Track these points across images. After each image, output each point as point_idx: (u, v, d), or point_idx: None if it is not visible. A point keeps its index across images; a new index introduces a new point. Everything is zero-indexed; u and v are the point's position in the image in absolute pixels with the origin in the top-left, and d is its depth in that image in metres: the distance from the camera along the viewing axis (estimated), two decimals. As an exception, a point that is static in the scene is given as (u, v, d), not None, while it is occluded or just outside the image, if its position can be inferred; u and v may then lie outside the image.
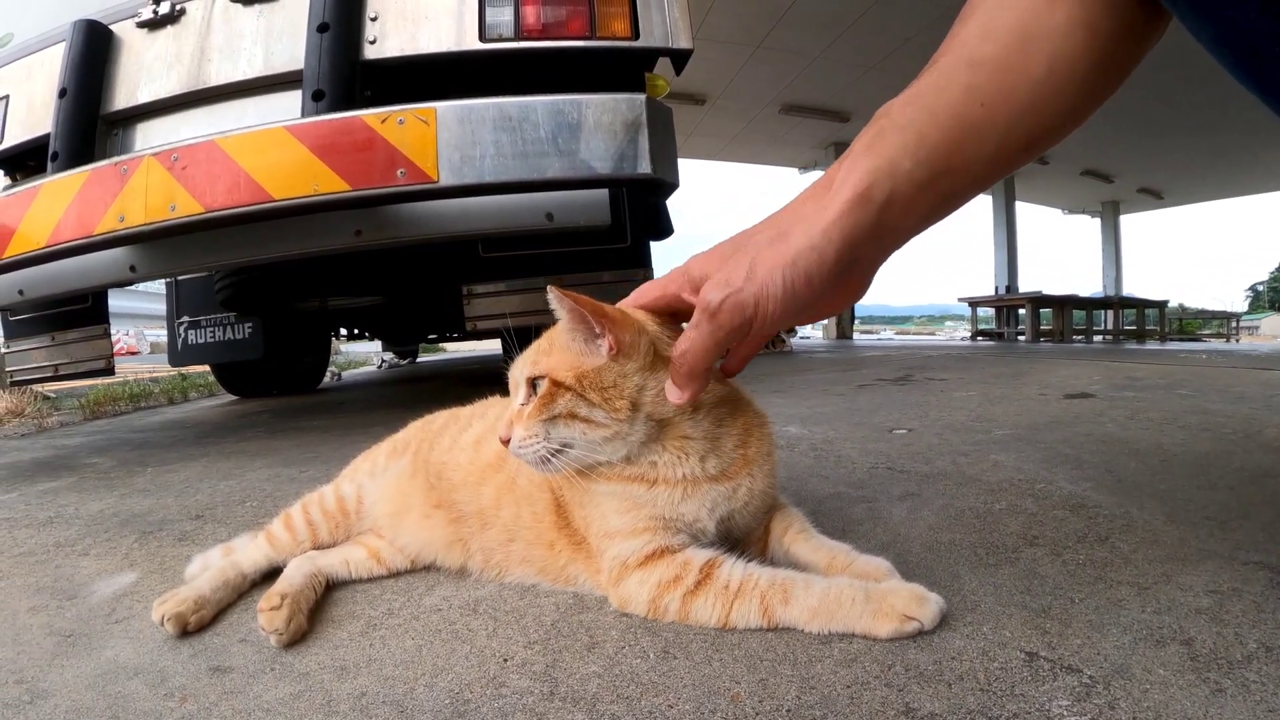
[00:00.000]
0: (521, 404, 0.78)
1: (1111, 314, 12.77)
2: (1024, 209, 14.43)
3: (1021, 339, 10.78)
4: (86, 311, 2.71)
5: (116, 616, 0.91)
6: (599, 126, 1.78)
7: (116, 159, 1.82)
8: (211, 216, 1.73)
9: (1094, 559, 0.85)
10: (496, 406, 1.04)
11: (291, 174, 1.69)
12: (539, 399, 0.75)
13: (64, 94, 2.06)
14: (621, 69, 2.05)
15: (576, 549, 0.84)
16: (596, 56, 1.99)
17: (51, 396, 4.60)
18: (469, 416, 1.05)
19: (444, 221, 1.96)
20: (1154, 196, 15.81)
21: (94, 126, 2.09)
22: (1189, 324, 17.49)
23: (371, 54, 1.94)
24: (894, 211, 0.62)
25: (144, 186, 1.76)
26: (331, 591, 0.93)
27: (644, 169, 1.80)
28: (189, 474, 1.89)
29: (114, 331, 3.04)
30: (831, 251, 0.62)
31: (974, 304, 12.09)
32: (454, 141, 1.71)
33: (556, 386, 0.75)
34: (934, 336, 19.79)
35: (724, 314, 0.66)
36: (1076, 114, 0.64)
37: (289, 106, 1.94)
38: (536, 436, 0.75)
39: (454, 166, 1.71)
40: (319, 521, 1.00)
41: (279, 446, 2.25)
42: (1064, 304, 10.87)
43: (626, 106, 1.79)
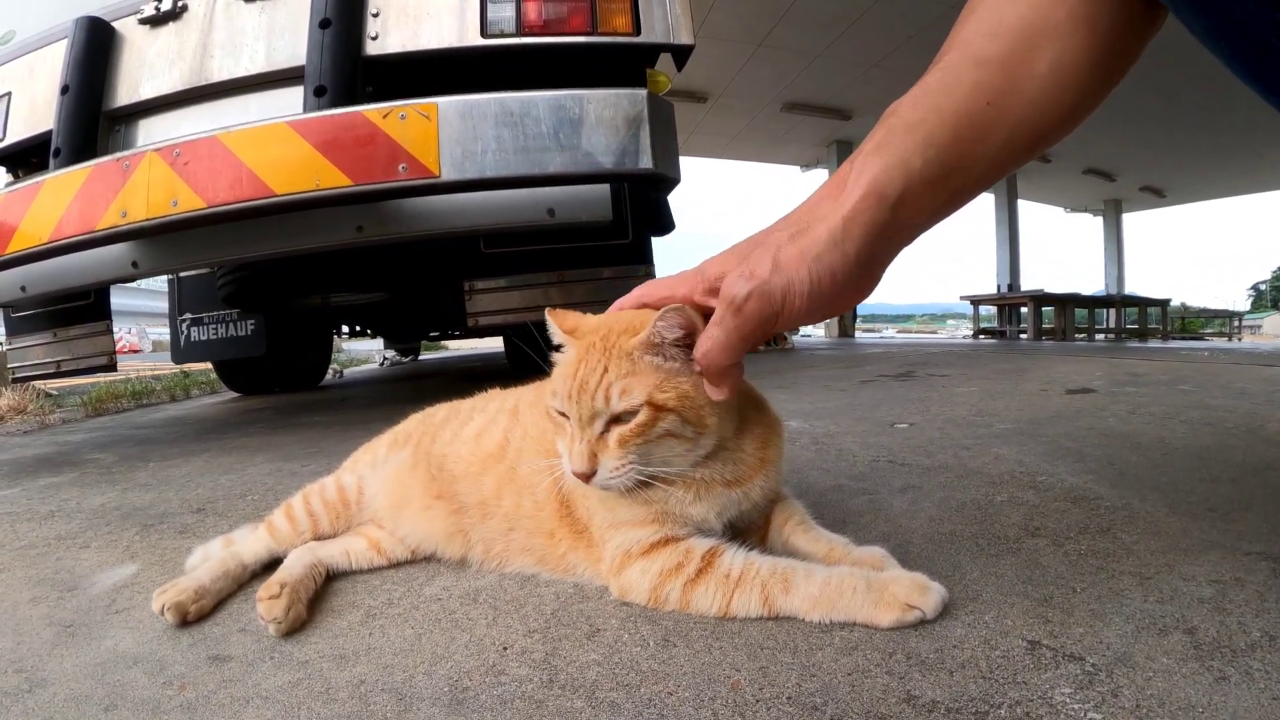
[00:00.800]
0: (600, 434, 0.73)
1: (1114, 312, 12.73)
2: (1026, 207, 14.40)
3: (1024, 337, 10.76)
4: (89, 308, 2.71)
5: (116, 607, 0.92)
6: (601, 122, 1.78)
7: (119, 155, 1.82)
8: (214, 212, 1.73)
9: (1096, 549, 0.85)
10: (497, 399, 1.04)
11: (294, 169, 1.69)
12: (639, 425, 0.71)
13: (66, 90, 2.06)
14: (623, 65, 2.04)
15: (577, 538, 0.84)
16: (598, 52, 1.98)
17: (54, 394, 4.61)
18: (470, 410, 1.05)
19: (446, 217, 1.97)
20: (1156, 195, 15.78)
21: (96, 123, 2.10)
22: (1191, 323, 17.46)
23: (373, 50, 1.94)
24: (906, 209, 0.63)
25: (146, 182, 1.76)
26: (332, 582, 0.93)
27: (645, 164, 1.79)
28: (190, 469, 1.89)
29: (116, 329, 3.04)
30: (852, 248, 0.63)
31: (976, 302, 12.06)
32: (456, 136, 1.71)
33: (659, 410, 0.71)
34: (936, 335, 19.79)
35: (750, 306, 0.65)
36: (1079, 111, 0.65)
37: (291, 103, 1.93)
38: (630, 463, 0.72)
39: (456, 161, 1.71)
40: (320, 512, 1.00)
41: (281, 442, 2.25)
42: (1066, 302, 10.84)
43: (628, 102, 1.79)
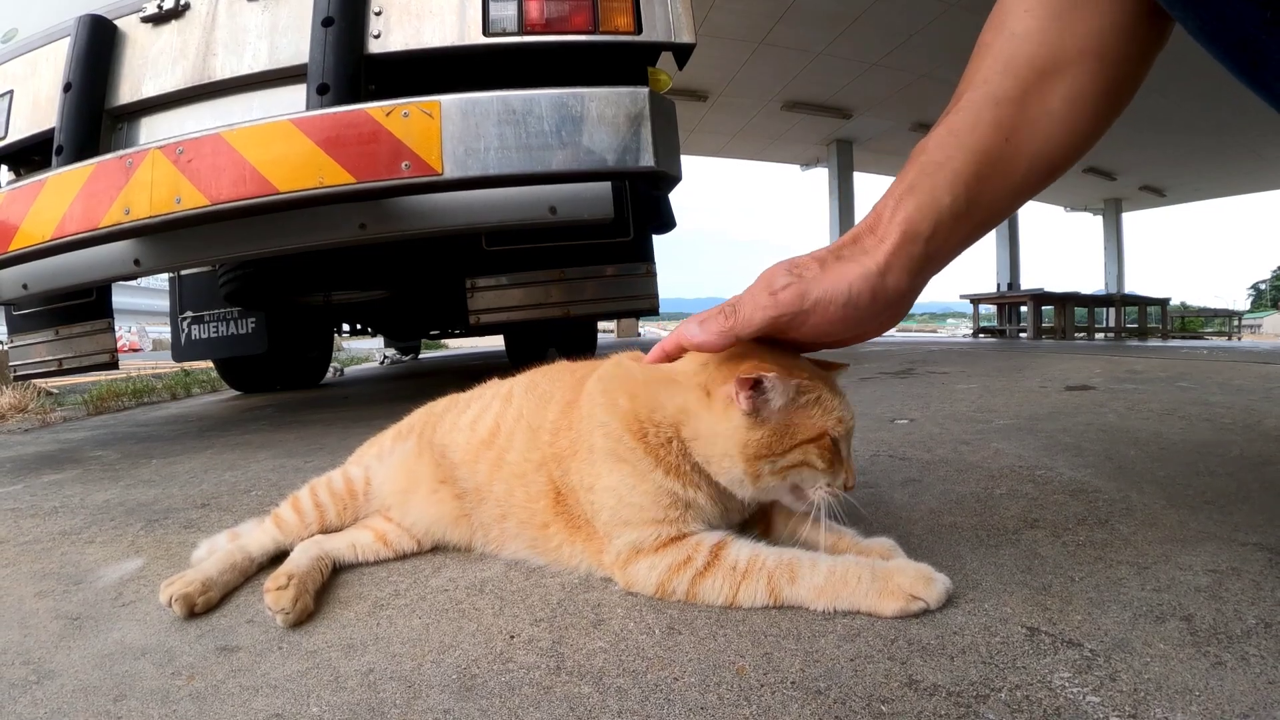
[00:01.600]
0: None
1: (1114, 311, 12.74)
2: (1026, 206, 14.28)
3: (1023, 336, 10.77)
4: (90, 306, 2.71)
5: (123, 600, 0.92)
6: (602, 119, 1.78)
7: (122, 152, 1.82)
8: (216, 209, 1.73)
9: (1094, 540, 0.86)
10: (493, 387, 1.05)
11: (296, 166, 1.70)
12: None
13: (69, 88, 2.06)
14: (624, 63, 2.05)
15: (574, 531, 0.85)
16: (599, 51, 1.99)
17: (55, 392, 4.61)
18: (468, 400, 1.06)
19: (448, 215, 1.97)
20: (1156, 194, 15.80)
21: (99, 121, 2.10)
22: (1191, 322, 17.47)
23: (375, 48, 1.94)
24: (937, 241, 0.69)
25: (149, 180, 1.76)
26: (338, 575, 0.94)
27: (646, 162, 1.80)
28: (194, 465, 1.90)
29: (116, 328, 3.05)
30: (892, 280, 0.69)
31: (976, 301, 12.07)
32: (458, 134, 1.72)
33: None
34: (936, 334, 19.78)
35: (785, 295, 0.69)
36: (1091, 137, 0.69)
37: (294, 101, 1.94)
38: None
39: (458, 159, 1.71)
40: (326, 503, 1.01)
41: (283, 439, 2.26)
42: (1066, 301, 10.86)
43: (629, 100, 1.79)
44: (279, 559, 0.94)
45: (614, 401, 0.80)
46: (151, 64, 2.12)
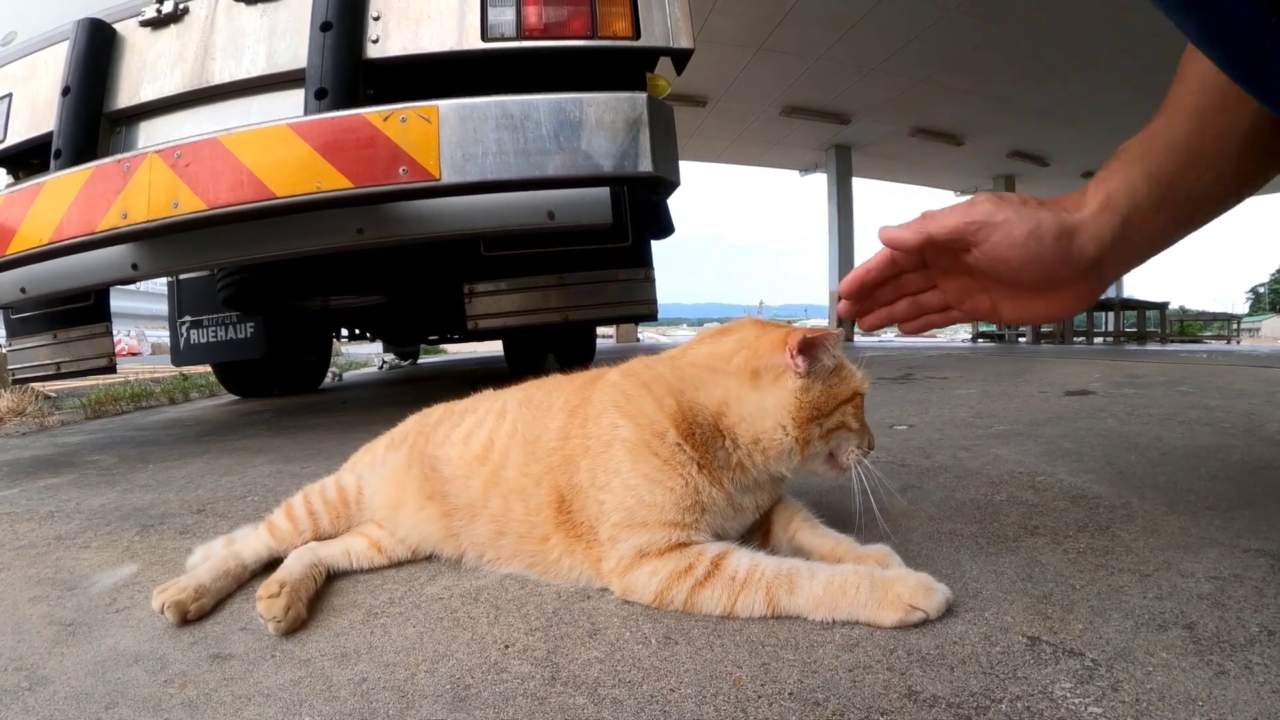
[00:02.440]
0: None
1: (1112, 316, 12.73)
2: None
3: (1022, 341, 10.77)
4: (88, 309, 2.70)
5: (117, 606, 0.91)
6: (600, 125, 1.78)
7: (120, 156, 1.82)
8: (214, 214, 1.73)
9: (1095, 547, 0.86)
10: (487, 401, 1.04)
11: (294, 171, 1.69)
12: None
13: (67, 92, 2.06)
14: (623, 69, 2.05)
15: (575, 541, 0.83)
16: (598, 56, 1.98)
17: (53, 396, 4.60)
18: (463, 410, 1.05)
19: (446, 220, 1.97)
20: (1155, 199, 15.77)
21: (97, 124, 2.09)
22: (1190, 326, 17.44)
23: (374, 53, 1.94)
24: (1130, 227, 0.72)
25: (147, 183, 1.76)
26: (333, 581, 0.93)
27: (645, 167, 1.79)
28: (190, 470, 1.89)
29: (115, 332, 3.04)
30: (1080, 240, 0.71)
31: (975, 306, 12.03)
32: (456, 139, 1.71)
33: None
34: (935, 338, 19.77)
35: (980, 206, 0.73)
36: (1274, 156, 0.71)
37: (292, 105, 1.93)
38: None
39: (456, 164, 1.71)
40: (320, 511, 1.00)
41: (280, 444, 2.25)
42: (1064, 306, 10.83)
43: (628, 105, 1.79)
44: (274, 565, 0.93)
45: (659, 399, 0.82)
46: (150, 68, 2.12)
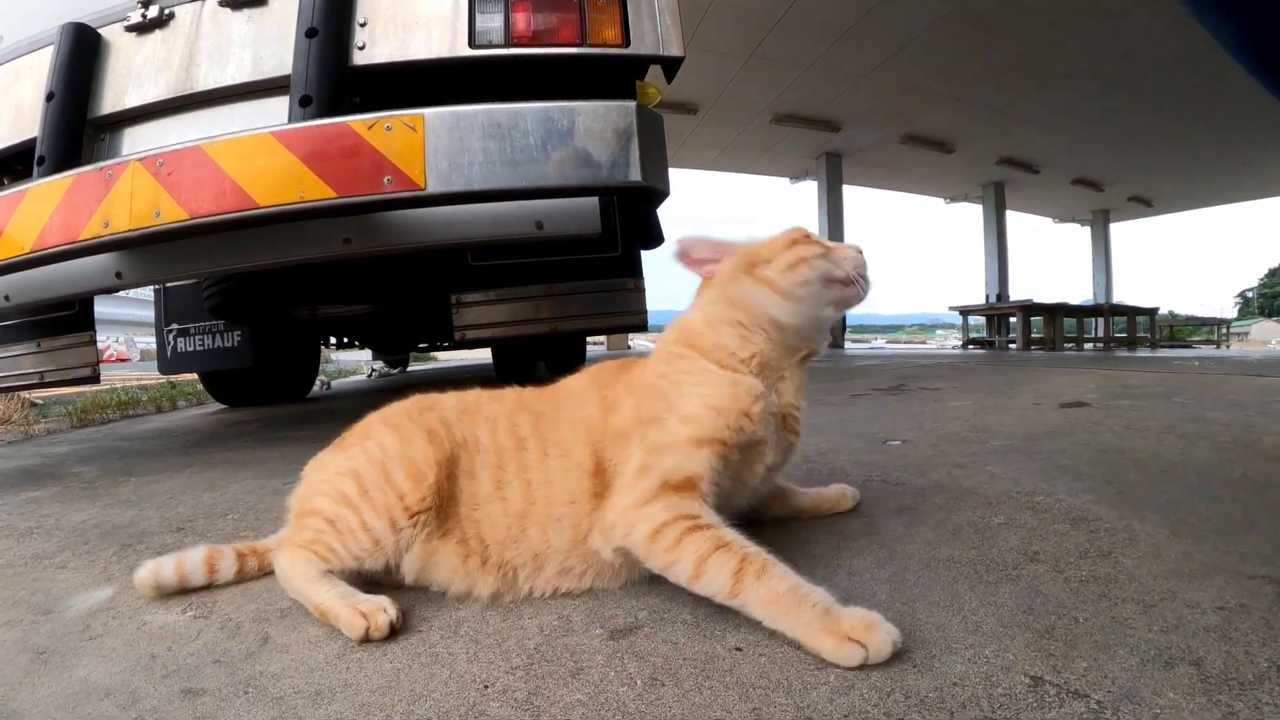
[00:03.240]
0: None
1: (1102, 321, 12.80)
2: (1014, 218, 14.46)
3: (1013, 347, 10.80)
4: (73, 318, 2.66)
5: (91, 634, 0.89)
6: (589, 133, 1.75)
7: (101, 164, 1.79)
8: (196, 223, 1.69)
9: (1097, 575, 0.83)
10: (485, 430, 1.02)
11: (278, 180, 1.66)
12: None
13: (51, 98, 2.02)
14: (612, 76, 2.02)
15: (599, 504, 0.86)
16: (587, 64, 1.96)
17: (39, 403, 4.54)
18: (470, 449, 1.02)
19: (433, 230, 1.94)
20: (1144, 204, 15.90)
21: (81, 131, 2.06)
22: (1180, 331, 17.51)
23: (360, 60, 1.91)
24: None
25: (129, 192, 1.73)
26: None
27: (634, 177, 1.77)
28: (173, 484, 1.85)
29: (104, 339, 3.00)
30: None
31: (965, 312, 12.11)
32: (442, 148, 1.68)
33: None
34: (925, 345, 19.85)
35: None
36: None
37: (277, 112, 1.90)
38: None
39: (442, 174, 1.68)
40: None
41: (265, 457, 2.21)
42: (1055, 312, 10.90)
43: (617, 113, 1.77)
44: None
45: (720, 333, 0.94)
46: (135, 74, 2.08)
